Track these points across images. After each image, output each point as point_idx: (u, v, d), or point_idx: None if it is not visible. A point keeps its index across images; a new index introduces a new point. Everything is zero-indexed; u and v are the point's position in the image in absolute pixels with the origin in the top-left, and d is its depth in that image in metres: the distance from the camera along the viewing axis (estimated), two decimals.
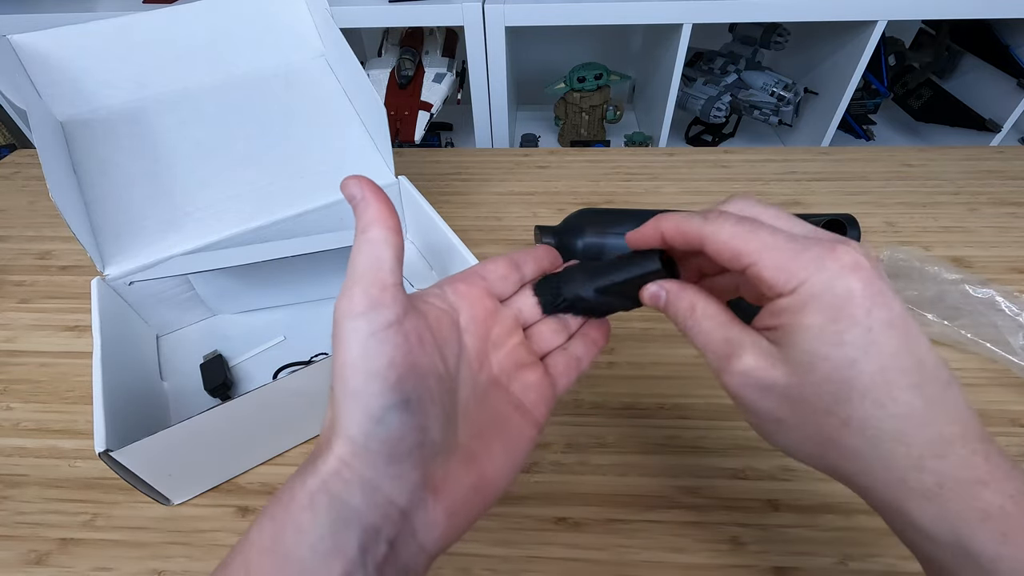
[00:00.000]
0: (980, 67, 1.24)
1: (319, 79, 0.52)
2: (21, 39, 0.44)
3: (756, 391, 0.21)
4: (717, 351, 0.22)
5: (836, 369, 0.19)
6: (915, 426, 0.19)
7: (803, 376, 0.20)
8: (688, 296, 0.24)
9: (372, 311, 0.20)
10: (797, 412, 0.20)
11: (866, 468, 0.20)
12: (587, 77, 1.31)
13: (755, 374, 0.21)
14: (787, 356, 0.20)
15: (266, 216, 0.47)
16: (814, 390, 0.20)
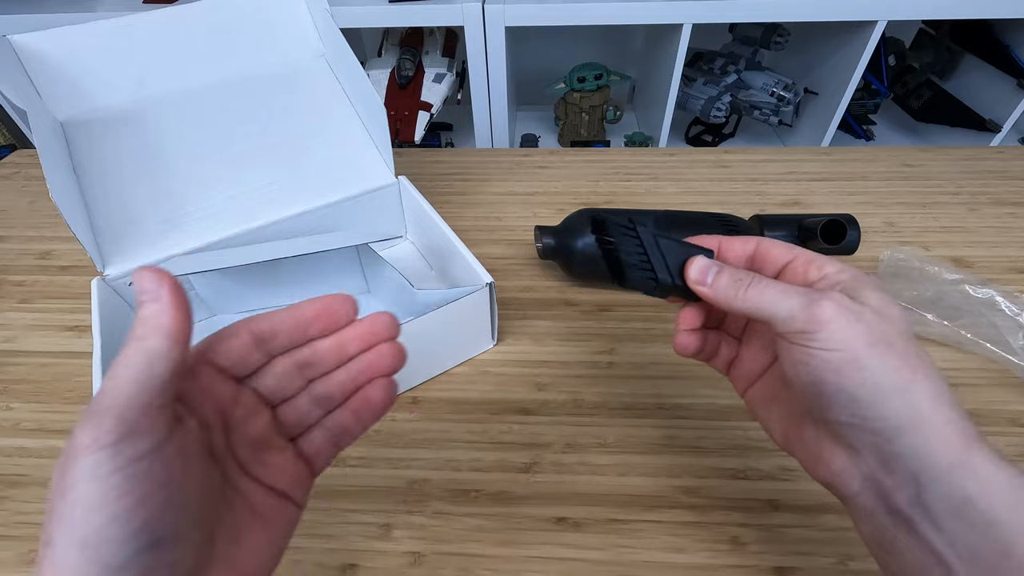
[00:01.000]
0: (980, 67, 1.24)
1: (319, 79, 0.52)
2: (21, 39, 0.44)
3: (854, 317, 0.22)
4: (804, 292, 0.23)
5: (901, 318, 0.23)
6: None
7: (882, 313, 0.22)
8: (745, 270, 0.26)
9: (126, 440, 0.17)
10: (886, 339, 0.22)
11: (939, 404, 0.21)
12: (587, 77, 1.31)
13: (849, 304, 0.22)
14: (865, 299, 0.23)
15: (266, 216, 0.47)
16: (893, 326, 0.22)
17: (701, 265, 0.26)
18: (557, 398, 0.42)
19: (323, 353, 0.25)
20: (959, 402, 0.22)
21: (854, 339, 0.22)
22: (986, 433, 0.38)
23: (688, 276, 0.27)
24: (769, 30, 1.27)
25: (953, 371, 0.42)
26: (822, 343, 0.22)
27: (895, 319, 0.22)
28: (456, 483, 0.37)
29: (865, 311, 0.22)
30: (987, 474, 0.20)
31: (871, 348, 0.21)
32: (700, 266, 0.26)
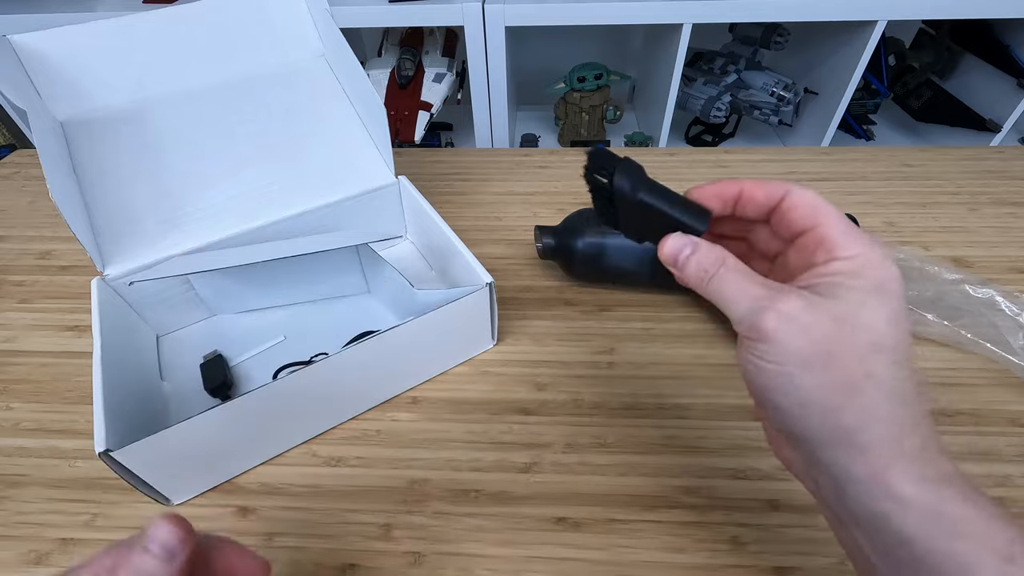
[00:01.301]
0: (980, 67, 1.24)
1: (319, 79, 0.52)
2: (21, 39, 0.44)
3: (796, 331, 0.21)
4: (756, 295, 0.23)
5: (872, 327, 0.21)
6: (915, 393, 0.22)
7: (843, 325, 0.21)
8: (718, 251, 0.25)
9: None
10: (829, 357, 0.21)
11: (872, 423, 0.21)
12: (587, 77, 1.31)
13: (800, 314, 0.22)
14: (831, 306, 0.22)
15: (266, 216, 0.47)
16: (851, 339, 0.21)
17: (672, 247, 0.25)
18: (557, 398, 0.42)
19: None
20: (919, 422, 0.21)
21: (790, 356, 0.22)
22: (986, 433, 0.38)
23: (660, 253, 0.26)
24: (769, 30, 1.27)
25: (953, 371, 0.42)
26: (760, 353, 0.22)
27: (858, 328, 0.21)
28: (456, 483, 0.37)
29: (817, 322, 0.21)
30: (903, 493, 0.20)
31: (805, 368, 0.21)
32: (671, 248, 0.25)
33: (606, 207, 0.27)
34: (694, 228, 0.26)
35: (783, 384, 0.22)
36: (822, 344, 0.21)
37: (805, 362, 0.21)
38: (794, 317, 0.22)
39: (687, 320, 0.47)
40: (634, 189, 0.25)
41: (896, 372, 0.21)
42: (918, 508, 0.20)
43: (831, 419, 0.21)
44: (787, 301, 0.22)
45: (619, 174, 0.25)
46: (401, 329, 0.38)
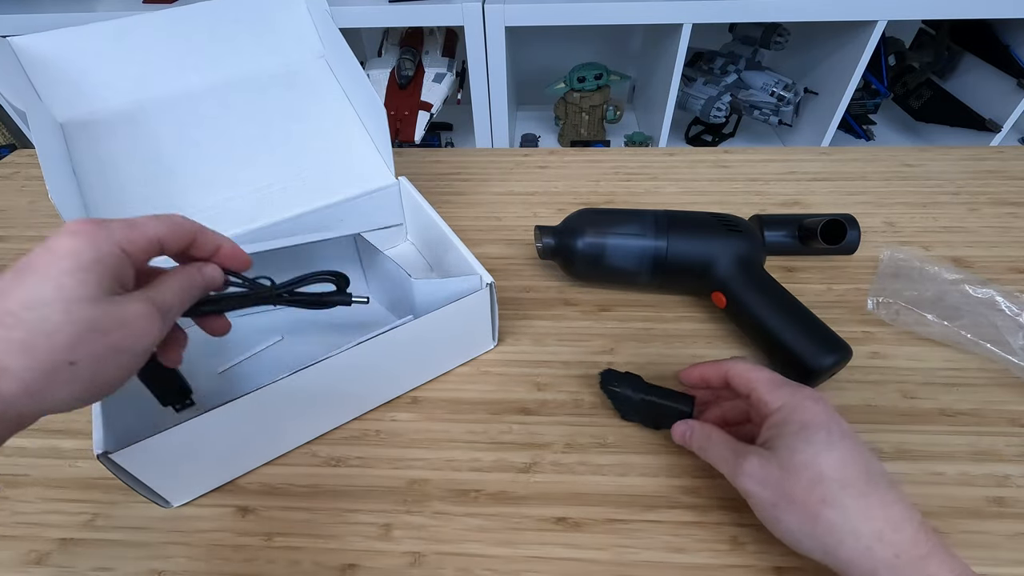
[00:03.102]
0: (980, 67, 1.24)
1: (319, 79, 0.52)
2: (21, 41, 0.44)
3: (759, 484, 0.29)
4: (729, 460, 0.31)
5: (810, 460, 0.28)
6: (874, 505, 0.27)
7: (788, 468, 0.28)
8: (707, 429, 0.34)
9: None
10: (788, 496, 0.28)
11: (842, 540, 0.27)
12: (587, 77, 1.31)
13: (757, 471, 0.29)
14: (777, 456, 0.29)
15: (266, 217, 0.47)
16: (797, 477, 0.28)
17: (679, 432, 0.36)
18: (557, 398, 0.42)
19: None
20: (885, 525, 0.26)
21: (765, 503, 0.29)
22: (986, 433, 0.38)
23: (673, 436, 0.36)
24: (769, 30, 1.27)
25: (953, 371, 0.43)
26: (750, 504, 0.30)
27: (798, 468, 0.28)
28: (456, 483, 0.37)
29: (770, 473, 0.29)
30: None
31: (774, 508, 0.29)
32: (678, 433, 0.36)
33: (620, 405, 0.40)
34: (684, 412, 0.37)
35: (773, 524, 0.29)
36: (779, 490, 0.28)
37: (775, 505, 0.29)
38: (755, 475, 0.29)
39: (687, 320, 0.47)
40: (636, 393, 0.38)
41: (846, 492, 0.27)
42: None
43: (814, 543, 0.27)
44: (749, 461, 0.30)
45: (623, 385, 0.39)
46: (401, 329, 0.38)
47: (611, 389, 0.39)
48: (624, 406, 0.39)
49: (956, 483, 0.36)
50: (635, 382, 0.39)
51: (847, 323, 0.46)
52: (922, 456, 0.38)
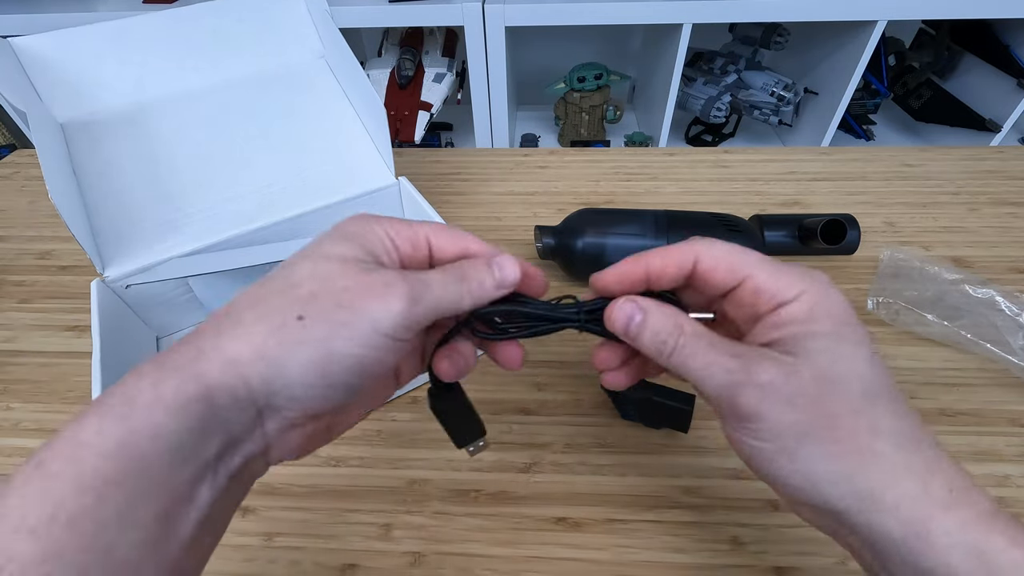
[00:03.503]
0: (980, 67, 1.24)
1: (319, 80, 0.52)
2: (21, 41, 0.44)
3: (782, 403, 0.19)
4: (728, 367, 0.20)
5: (857, 374, 0.20)
6: (923, 433, 0.20)
7: (828, 384, 0.19)
8: (672, 314, 0.22)
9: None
10: (828, 419, 0.19)
11: (893, 479, 0.19)
12: (587, 77, 1.31)
13: (780, 384, 0.19)
14: (806, 362, 0.20)
15: (266, 218, 0.47)
16: (842, 397, 0.19)
17: (620, 314, 0.23)
18: (557, 398, 0.42)
19: None
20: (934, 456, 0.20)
21: (784, 430, 0.19)
22: (986, 433, 0.38)
23: (607, 322, 0.23)
24: (769, 30, 1.27)
25: (953, 371, 0.42)
26: (749, 433, 0.20)
27: (844, 382, 0.19)
28: (456, 483, 0.37)
29: (800, 388, 0.19)
30: (947, 545, 0.18)
31: (803, 439, 0.19)
32: (619, 315, 0.23)
33: (620, 405, 0.39)
34: (685, 411, 0.36)
35: (786, 462, 0.20)
36: (812, 410, 0.19)
37: (802, 434, 0.19)
38: (775, 388, 0.19)
39: None
40: (636, 392, 0.36)
41: (897, 416, 0.20)
42: (963, 559, 0.18)
43: (847, 486, 0.19)
44: (763, 371, 0.20)
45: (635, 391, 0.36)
46: None
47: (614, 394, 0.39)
48: (624, 406, 0.39)
49: None
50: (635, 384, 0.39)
51: None
52: None
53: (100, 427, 0.16)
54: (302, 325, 0.18)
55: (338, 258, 0.20)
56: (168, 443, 0.17)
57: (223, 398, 0.18)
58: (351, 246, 0.20)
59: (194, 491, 0.18)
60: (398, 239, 0.22)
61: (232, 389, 0.18)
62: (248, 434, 0.19)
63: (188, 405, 0.17)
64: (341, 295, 0.19)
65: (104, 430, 0.16)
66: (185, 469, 0.17)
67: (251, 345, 0.18)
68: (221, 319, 0.19)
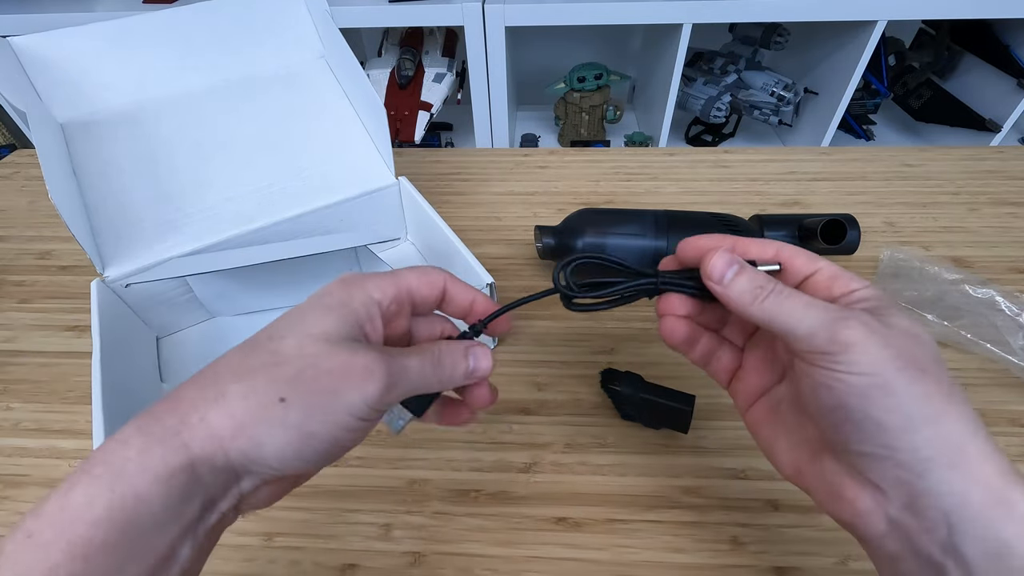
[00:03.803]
0: (980, 67, 1.24)
1: (319, 80, 0.52)
2: (21, 41, 0.44)
3: (880, 340, 0.20)
4: (828, 307, 0.22)
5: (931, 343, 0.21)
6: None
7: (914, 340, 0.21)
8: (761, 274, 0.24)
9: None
10: (915, 364, 0.20)
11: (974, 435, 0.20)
12: (587, 77, 1.31)
13: (879, 327, 0.21)
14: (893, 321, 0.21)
15: (266, 218, 0.47)
16: (926, 352, 0.21)
17: (718, 264, 0.24)
18: (557, 398, 0.42)
19: None
20: (991, 437, 0.20)
21: (883, 363, 0.20)
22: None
23: (705, 271, 0.25)
24: (769, 30, 1.27)
25: (953, 371, 0.42)
26: (847, 366, 0.20)
27: (926, 343, 0.21)
28: (456, 483, 0.37)
29: (894, 333, 0.21)
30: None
31: (901, 373, 0.20)
32: (717, 264, 0.24)
33: (620, 405, 0.39)
34: (684, 411, 0.36)
35: (881, 396, 0.20)
36: (907, 351, 0.20)
37: (900, 369, 0.20)
38: (874, 327, 0.21)
39: None
40: (636, 392, 0.38)
41: (958, 386, 0.21)
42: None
43: (940, 431, 0.19)
44: (860, 313, 0.21)
45: (623, 385, 0.39)
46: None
47: (611, 389, 0.39)
48: (624, 406, 0.39)
49: None
50: (635, 382, 0.39)
51: None
52: None
53: (89, 496, 0.17)
54: (283, 407, 0.19)
55: (323, 337, 0.21)
56: (153, 510, 0.18)
57: (205, 467, 0.19)
58: (336, 320, 0.21)
59: (176, 550, 0.19)
60: (384, 301, 0.23)
61: (213, 460, 0.19)
62: (225, 494, 0.20)
63: (173, 475, 0.18)
64: (322, 379, 0.20)
65: (93, 499, 0.17)
66: (169, 532, 0.18)
67: (233, 421, 0.19)
68: (206, 386, 0.20)
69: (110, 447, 0.18)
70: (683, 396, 0.38)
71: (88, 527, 0.17)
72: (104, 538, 0.17)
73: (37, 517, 0.17)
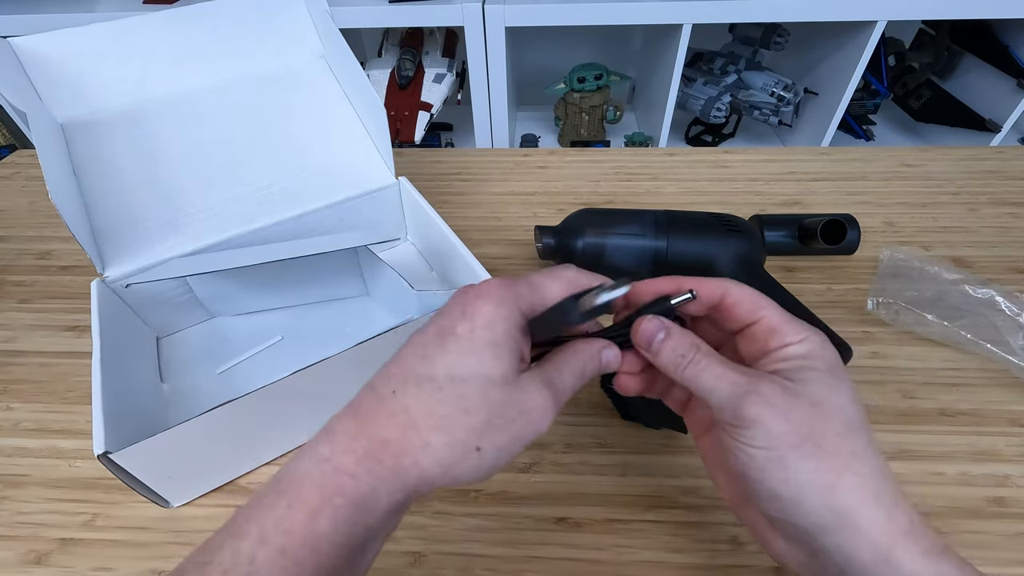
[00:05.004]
0: (980, 67, 1.24)
1: (319, 80, 0.52)
2: (21, 41, 0.44)
3: (779, 414, 0.22)
4: (736, 382, 0.23)
5: (843, 407, 0.23)
6: (889, 471, 0.23)
7: (819, 408, 0.22)
8: (690, 336, 0.25)
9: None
10: (816, 438, 0.22)
11: (865, 500, 0.22)
12: (587, 77, 1.31)
13: (779, 399, 0.22)
14: (804, 391, 0.23)
15: (266, 218, 0.47)
16: (831, 419, 0.22)
17: (647, 329, 0.25)
18: None
19: None
20: (897, 492, 0.22)
21: (778, 439, 0.22)
22: (986, 433, 0.38)
23: (634, 336, 0.26)
24: (769, 30, 1.27)
25: (953, 371, 0.42)
26: (748, 440, 0.22)
27: (833, 410, 0.22)
28: None
29: (797, 406, 0.22)
30: (911, 570, 0.21)
31: (794, 450, 0.22)
32: (646, 330, 0.25)
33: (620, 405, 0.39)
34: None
35: (776, 469, 0.22)
36: (804, 426, 0.22)
37: (794, 445, 0.22)
38: (775, 402, 0.22)
39: None
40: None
41: (872, 448, 0.22)
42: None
43: (827, 499, 0.21)
44: (766, 387, 0.23)
45: None
46: (402, 330, 0.38)
47: (611, 389, 0.39)
48: (624, 406, 0.39)
49: (956, 483, 0.36)
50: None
51: (847, 323, 0.46)
52: (922, 456, 0.37)
53: (335, 524, 0.20)
54: (479, 454, 0.22)
55: (501, 379, 0.22)
56: (374, 535, 0.22)
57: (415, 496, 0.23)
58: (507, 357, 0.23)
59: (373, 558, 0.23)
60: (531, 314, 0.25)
61: (422, 491, 0.22)
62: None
63: (395, 508, 0.22)
64: (510, 427, 0.22)
65: (338, 527, 0.20)
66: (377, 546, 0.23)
67: (441, 468, 0.22)
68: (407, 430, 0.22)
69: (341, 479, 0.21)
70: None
71: (333, 549, 0.20)
72: (340, 559, 0.21)
73: (287, 535, 0.20)
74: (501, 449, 0.22)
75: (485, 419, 0.22)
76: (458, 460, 0.22)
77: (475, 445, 0.22)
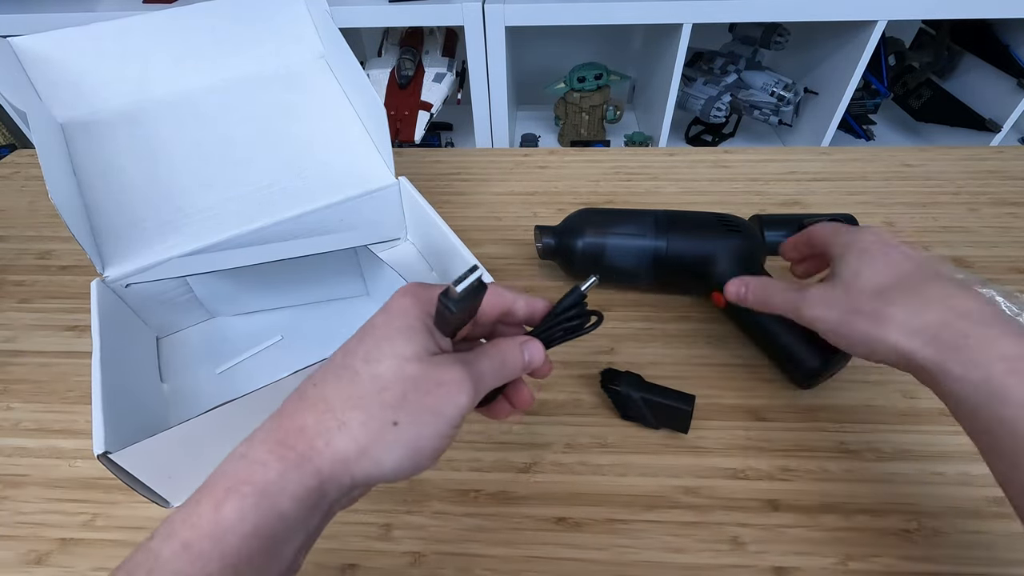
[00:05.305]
0: (980, 67, 1.24)
1: (319, 80, 0.52)
2: (21, 41, 0.44)
3: (826, 306, 0.32)
4: (793, 297, 0.34)
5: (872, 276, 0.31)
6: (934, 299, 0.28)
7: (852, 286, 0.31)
8: (762, 280, 0.37)
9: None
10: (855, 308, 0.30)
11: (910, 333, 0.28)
12: (587, 77, 1.31)
13: (821, 296, 0.32)
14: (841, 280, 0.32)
15: (266, 218, 0.47)
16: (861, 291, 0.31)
17: (733, 289, 0.38)
18: (557, 398, 0.42)
19: None
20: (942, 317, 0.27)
21: (833, 323, 0.31)
22: None
23: (728, 295, 0.38)
24: (769, 30, 1.27)
25: None
26: (816, 329, 0.33)
27: (863, 287, 0.30)
28: (456, 483, 0.37)
29: (833, 296, 0.31)
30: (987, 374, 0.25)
31: (844, 325, 0.31)
32: (732, 290, 0.38)
33: (620, 405, 0.40)
34: (684, 411, 0.38)
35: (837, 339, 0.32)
36: (846, 306, 0.31)
37: (843, 322, 0.31)
38: (820, 299, 0.32)
39: (687, 320, 0.47)
40: (636, 392, 0.39)
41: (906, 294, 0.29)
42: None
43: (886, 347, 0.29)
44: (811, 293, 0.33)
45: (623, 385, 0.39)
46: None
47: (611, 389, 0.39)
48: (624, 406, 0.39)
49: (956, 483, 0.36)
50: (635, 381, 0.39)
51: None
52: (922, 456, 0.37)
53: (241, 513, 0.20)
54: (396, 429, 0.22)
55: (415, 358, 0.23)
56: (289, 524, 0.21)
57: (332, 485, 0.22)
58: (421, 339, 0.24)
59: (298, 557, 0.23)
60: None
61: (340, 479, 0.22)
62: (340, 502, 0.23)
63: (307, 495, 0.21)
64: (425, 399, 0.23)
65: (244, 516, 0.20)
66: (296, 540, 0.22)
67: (357, 445, 0.22)
68: (323, 413, 0.22)
69: (251, 468, 0.21)
70: (683, 396, 0.38)
71: (240, 540, 0.20)
72: (250, 551, 0.20)
73: (192, 528, 0.20)
74: (421, 424, 0.22)
75: (400, 393, 0.22)
76: (375, 438, 0.22)
77: (391, 420, 0.22)
